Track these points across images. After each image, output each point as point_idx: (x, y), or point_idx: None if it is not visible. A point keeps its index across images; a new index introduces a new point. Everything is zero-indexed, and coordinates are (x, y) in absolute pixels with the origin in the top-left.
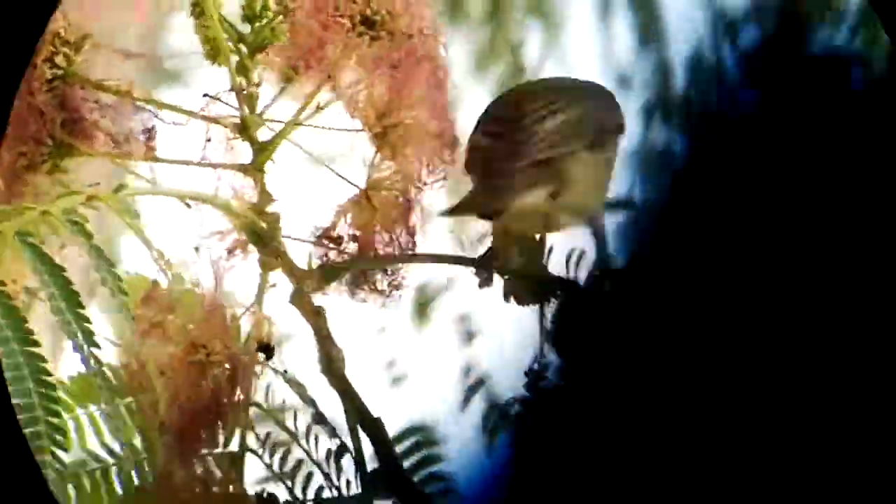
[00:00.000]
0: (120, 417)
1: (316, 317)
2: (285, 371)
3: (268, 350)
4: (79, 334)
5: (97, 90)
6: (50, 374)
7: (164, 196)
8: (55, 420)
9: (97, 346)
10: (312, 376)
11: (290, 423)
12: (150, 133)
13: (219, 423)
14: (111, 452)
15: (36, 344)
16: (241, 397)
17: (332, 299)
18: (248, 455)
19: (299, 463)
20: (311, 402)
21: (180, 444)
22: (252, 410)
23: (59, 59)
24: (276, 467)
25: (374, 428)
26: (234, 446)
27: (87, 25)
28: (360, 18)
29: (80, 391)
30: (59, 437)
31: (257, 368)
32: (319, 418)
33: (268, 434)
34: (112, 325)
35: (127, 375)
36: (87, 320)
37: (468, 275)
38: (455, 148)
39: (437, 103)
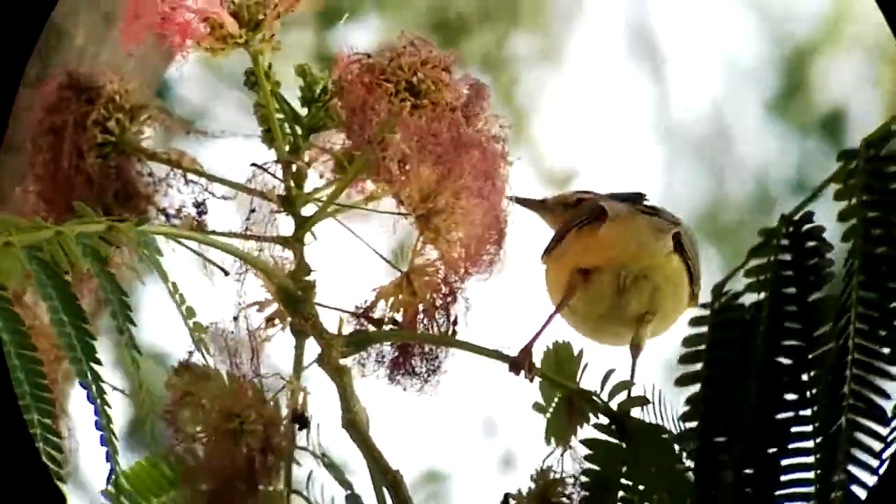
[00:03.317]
0: None
1: (340, 376)
2: (323, 455)
3: (302, 420)
4: (78, 350)
5: (150, 160)
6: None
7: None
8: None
9: (98, 363)
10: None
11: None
12: (201, 207)
13: (251, 491)
14: None
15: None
16: (274, 466)
17: (370, 383)
18: None
19: None
20: (347, 485)
21: None
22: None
23: (112, 125)
24: None
25: (395, 481)
26: None
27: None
28: (405, 85)
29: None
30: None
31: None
32: (355, 500)
33: None
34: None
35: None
36: (92, 336)
37: None
38: (501, 242)
39: (485, 194)
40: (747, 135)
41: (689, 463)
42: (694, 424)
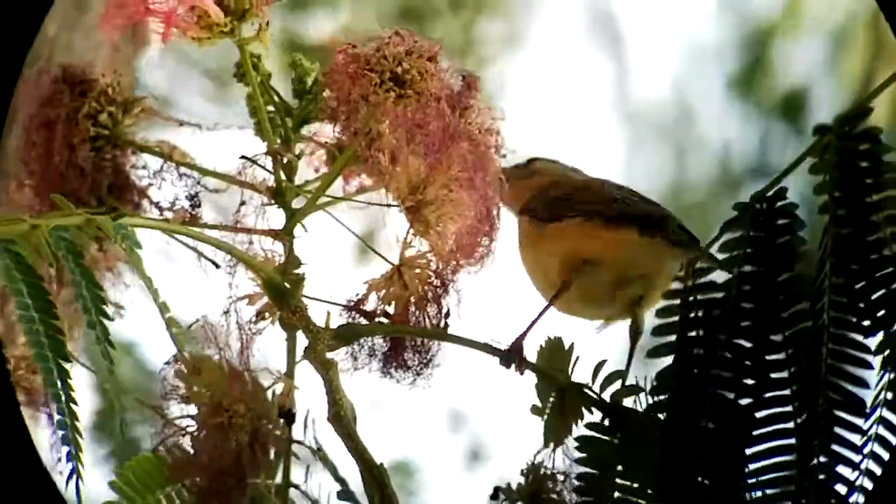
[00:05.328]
0: None
1: (327, 369)
2: (319, 448)
3: (289, 416)
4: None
5: (143, 153)
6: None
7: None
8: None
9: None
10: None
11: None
12: (194, 200)
13: (240, 485)
14: None
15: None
16: (262, 461)
17: (363, 376)
18: None
19: None
20: (341, 481)
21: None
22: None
23: (104, 118)
24: None
25: (378, 475)
26: None
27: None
28: (389, 75)
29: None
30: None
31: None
32: (347, 496)
33: None
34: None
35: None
36: (61, 332)
37: None
38: (493, 234)
39: (477, 185)
40: (708, 115)
41: None
42: (662, 398)
